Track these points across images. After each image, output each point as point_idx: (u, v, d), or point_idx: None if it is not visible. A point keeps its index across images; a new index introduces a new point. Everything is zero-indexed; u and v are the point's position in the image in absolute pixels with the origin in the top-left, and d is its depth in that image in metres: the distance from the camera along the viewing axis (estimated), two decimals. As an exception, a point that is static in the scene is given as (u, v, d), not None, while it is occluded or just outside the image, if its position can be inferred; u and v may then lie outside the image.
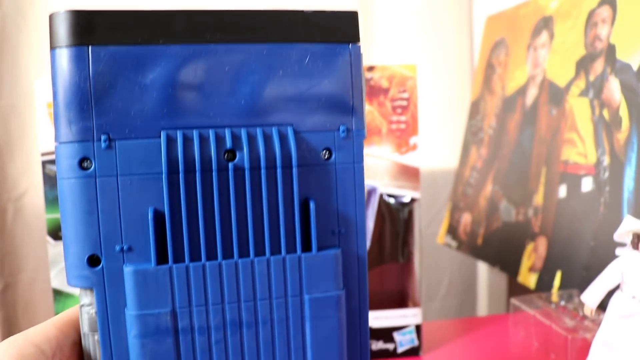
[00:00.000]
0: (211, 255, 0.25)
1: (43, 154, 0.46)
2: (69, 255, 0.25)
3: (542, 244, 0.63)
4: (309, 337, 0.26)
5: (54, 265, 0.46)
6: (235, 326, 0.25)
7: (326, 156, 0.27)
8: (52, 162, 0.46)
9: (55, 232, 0.46)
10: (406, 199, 0.48)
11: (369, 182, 0.46)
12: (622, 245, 0.41)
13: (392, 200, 0.48)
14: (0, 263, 0.82)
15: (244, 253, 0.25)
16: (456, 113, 0.89)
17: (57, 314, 0.47)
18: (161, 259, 0.25)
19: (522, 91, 0.70)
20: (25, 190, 0.83)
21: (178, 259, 0.25)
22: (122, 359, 0.25)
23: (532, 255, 0.64)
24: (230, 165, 0.25)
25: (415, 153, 0.47)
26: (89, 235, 0.25)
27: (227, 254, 0.25)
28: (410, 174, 0.47)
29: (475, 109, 0.81)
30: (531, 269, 0.63)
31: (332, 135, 0.27)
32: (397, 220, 0.48)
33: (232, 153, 0.25)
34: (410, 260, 0.50)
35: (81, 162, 0.24)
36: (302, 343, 0.26)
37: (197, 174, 0.25)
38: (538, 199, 0.64)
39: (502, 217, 0.70)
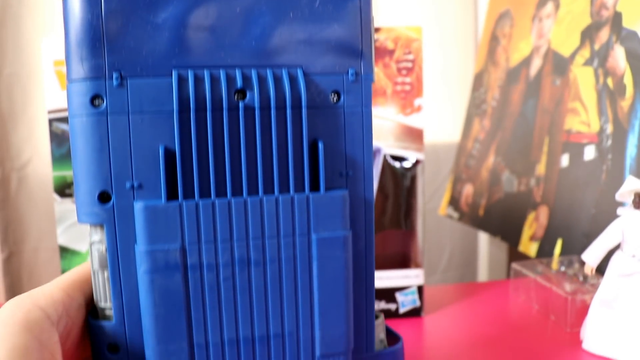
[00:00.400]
0: (221, 193, 0.25)
1: (50, 112, 0.46)
2: (80, 193, 0.25)
3: (543, 212, 0.63)
4: (316, 277, 0.26)
5: (61, 222, 0.47)
6: (244, 264, 0.25)
7: (335, 99, 0.27)
8: (59, 119, 0.46)
9: (62, 190, 0.46)
10: (409, 163, 0.48)
11: (374, 143, 0.46)
12: (624, 205, 0.42)
13: (397, 165, 0.48)
14: (4, 231, 0.83)
15: (253, 191, 0.26)
16: (459, 87, 0.89)
17: (63, 271, 0.48)
18: (171, 196, 0.25)
19: (526, 62, 0.70)
20: (29, 159, 0.83)
21: (188, 195, 0.25)
22: (131, 295, 0.26)
23: (534, 225, 0.64)
24: (241, 104, 0.25)
25: (419, 114, 0.47)
26: (99, 172, 0.25)
27: (237, 192, 0.25)
28: (414, 135, 0.47)
29: (478, 81, 0.81)
30: (532, 238, 0.64)
31: (341, 79, 0.27)
32: (400, 187, 0.49)
33: (242, 93, 0.25)
34: (413, 227, 0.50)
35: (93, 99, 0.25)
36: (309, 282, 0.26)
37: (208, 112, 0.25)
38: (540, 168, 0.65)
39: (504, 187, 0.71)
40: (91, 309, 0.27)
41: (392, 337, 0.31)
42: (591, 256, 0.42)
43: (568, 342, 0.45)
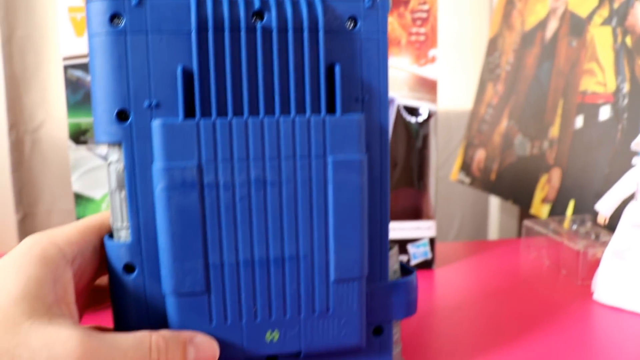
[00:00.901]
0: (238, 112, 0.25)
1: (65, 59, 0.46)
2: (98, 113, 0.25)
3: (556, 175, 0.63)
4: (331, 200, 0.26)
5: (76, 169, 0.47)
6: (260, 184, 0.26)
7: (351, 26, 0.27)
8: (73, 66, 0.46)
9: (76, 137, 0.47)
10: (422, 118, 0.48)
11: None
12: (639, 154, 0.41)
13: (411, 120, 0.48)
14: (19, 193, 0.83)
15: (270, 112, 0.26)
16: (473, 55, 0.88)
17: (78, 218, 0.48)
18: (189, 115, 0.25)
19: (542, 25, 0.70)
20: (43, 121, 0.84)
21: (205, 114, 0.25)
22: (147, 214, 0.26)
23: (546, 187, 0.64)
24: (259, 24, 0.25)
25: (433, 65, 0.47)
26: (118, 91, 0.25)
27: (253, 112, 0.26)
28: (428, 86, 0.47)
29: (493, 46, 0.80)
30: (544, 200, 0.64)
31: (358, 5, 0.27)
32: (412, 148, 0.48)
33: (259, 15, 0.25)
34: (425, 187, 0.50)
35: (112, 18, 0.25)
36: (324, 205, 0.26)
37: (226, 32, 0.25)
38: (554, 131, 0.64)
39: (516, 151, 0.70)
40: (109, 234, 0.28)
41: (405, 271, 0.31)
42: (605, 206, 0.42)
43: (579, 294, 0.45)
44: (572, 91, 0.62)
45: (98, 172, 0.47)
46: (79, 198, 0.48)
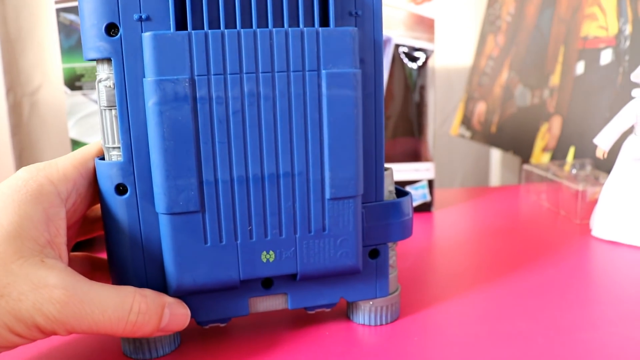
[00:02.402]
0: (230, 25, 0.25)
1: (57, 2, 0.46)
2: (86, 28, 0.25)
3: (556, 123, 0.62)
4: (326, 114, 0.26)
5: (71, 115, 0.47)
6: (253, 97, 0.25)
7: (345, -63, 0.26)
8: (66, 9, 0.46)
9: (71, 83, 0.46)
10: (421, 61, 0.48)
11: (384, 32, 0.45)
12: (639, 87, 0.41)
13: (412, 66, 0.47)
14: (19, 156, 0.83)
15: (263, 25, 0.25)
16: (473, 9, 0.87)
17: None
18: (180, 28, 0.25)
19: (543, -28, 0.68)
20: (40, 84, 0.83)
21: (197, 26, 0.25)
22: (139, 132, 0.25)
23: (546, 136, 0.63)
24: None
25: (431, 4, 0.46)
26: (107, 4, 0.24)
27: (246, 25, 0.25)
28: (425, 25, 0.46)
29: (493, -2, 0.79)
30: (544, 149, 0.63)
31: None
32: (411, 94, 0.48)
33: None
34: (424, 135, 0.50)
35: None
36: (318, 120, 0.26)
37: (214, -59, 0.24)
38: (554, 79, 0.64)
39: (516, 102, 0.70)
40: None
41: (401, 195, 0.31)
42: (604, 139, 0.42)
43: (578, 232, 0.45)
44: (573, 38, 0.62)
45: (94, 117, 0.47)
46: (75, 145, 0.47)
